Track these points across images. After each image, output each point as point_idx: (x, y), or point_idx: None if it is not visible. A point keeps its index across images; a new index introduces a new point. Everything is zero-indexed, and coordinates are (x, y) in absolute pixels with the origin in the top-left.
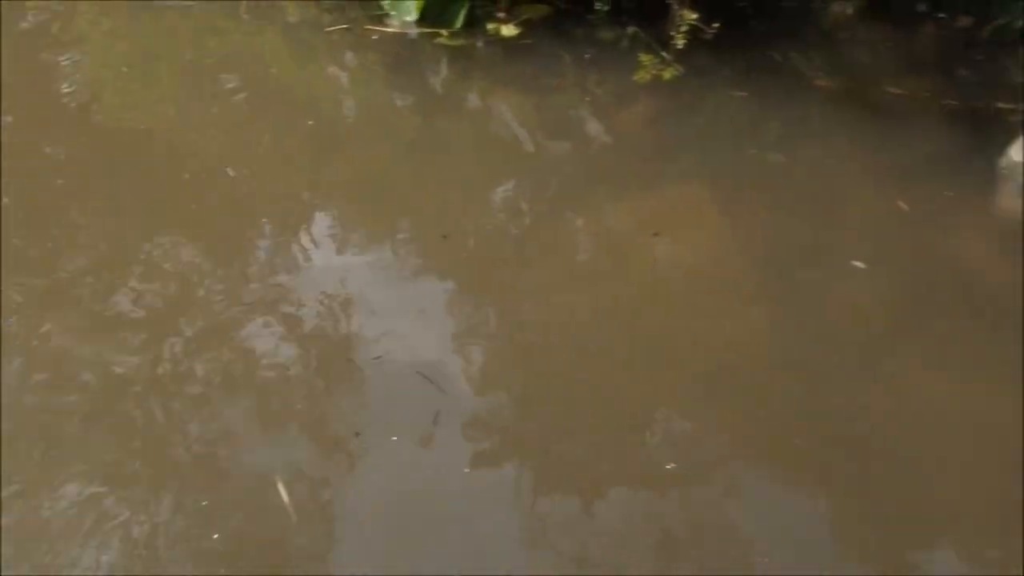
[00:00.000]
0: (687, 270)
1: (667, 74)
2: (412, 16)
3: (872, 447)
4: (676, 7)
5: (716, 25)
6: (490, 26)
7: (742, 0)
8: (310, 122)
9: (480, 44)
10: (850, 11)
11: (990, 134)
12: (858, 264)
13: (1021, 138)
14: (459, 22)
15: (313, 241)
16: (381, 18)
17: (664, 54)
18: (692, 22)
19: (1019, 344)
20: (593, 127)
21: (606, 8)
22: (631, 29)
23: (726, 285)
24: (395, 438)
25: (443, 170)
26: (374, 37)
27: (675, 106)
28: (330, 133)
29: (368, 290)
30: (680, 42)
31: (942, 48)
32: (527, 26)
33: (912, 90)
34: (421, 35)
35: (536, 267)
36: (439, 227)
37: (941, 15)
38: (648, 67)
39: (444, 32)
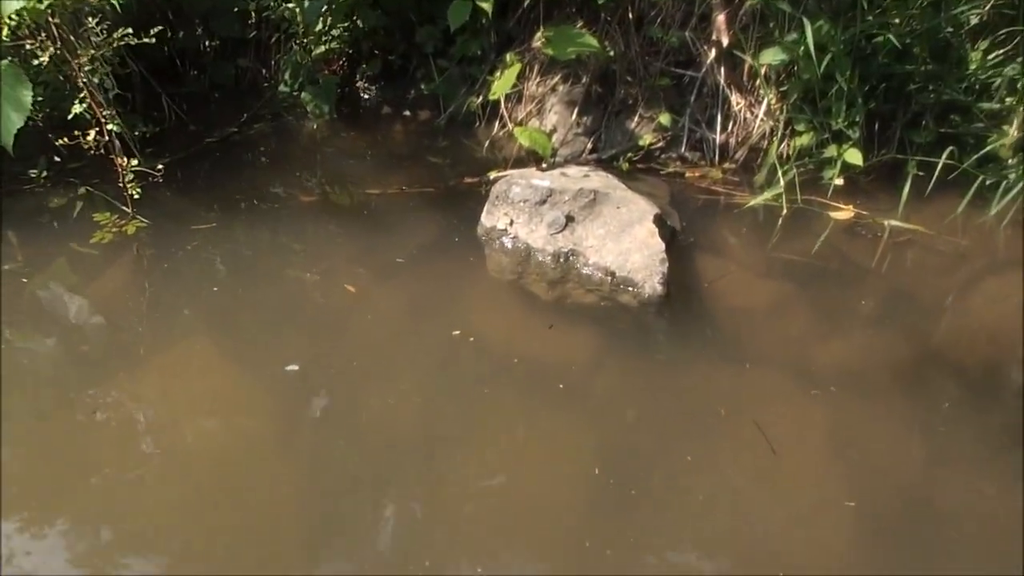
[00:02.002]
0: (204, 427)
1: (130, 228)
2: None
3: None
4: (116, 157)
5: (161, 168)
6: None
7: (210, 136)
8: None
9: None
10: (317, 125)
11: (468, 208)
12: (292, 367)
13: (486, 204)
14: None
15: None
16: None
17: (125, 208)
18: (135, 169)
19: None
20: (71, 309)
21: (44, 174)
22: (83, 189)
23: (238, 421)
24: None
25: None
26: None
27: (150, 259)
28: None
29: None
30: (135, 192)
31: (412, 142)
32: None
33: (395, 185)
34: None
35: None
36: None
37: (406, 113)
38: (107, 226)
39: None
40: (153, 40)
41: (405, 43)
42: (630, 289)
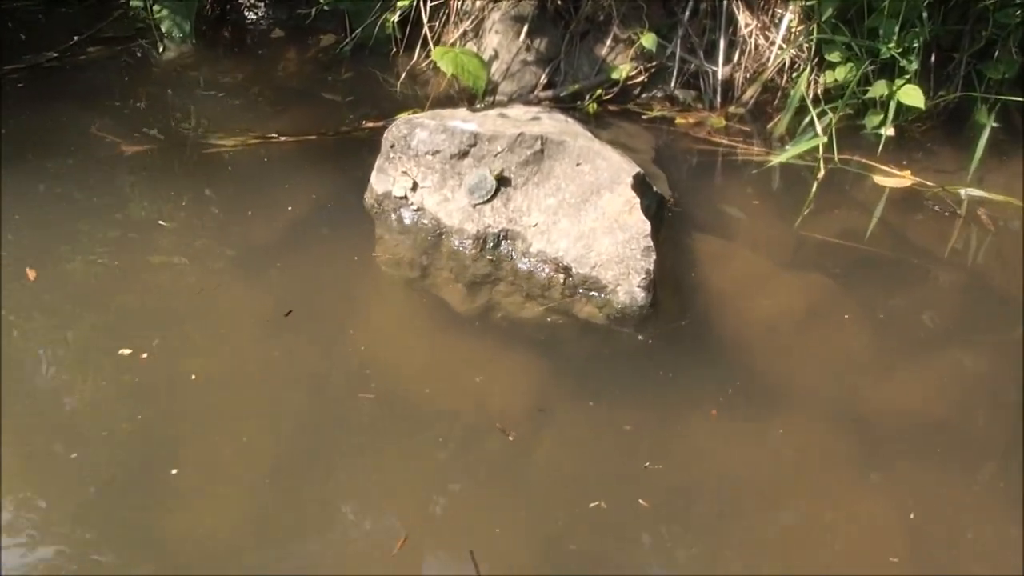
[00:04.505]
0: None
1: None
2: None
3: None
4: None
5: None
6: None
7: (17, 62)
8: None
9: None
10: (177, 53)
11: (364, 163)
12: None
13: (378, 159)
14: None
15: None
16: None
17: None
18: None
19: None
20: None
21: None
22: None
23: None
24: None
25: None
26: None
27: None
28: None
29: None
30: None
31: (306, 74)
32: None
33: (266, 131)
34: None
35: None
36: None
37: (307, 39)
38: None
39: None
40: None
41: None
42: (595, 295)
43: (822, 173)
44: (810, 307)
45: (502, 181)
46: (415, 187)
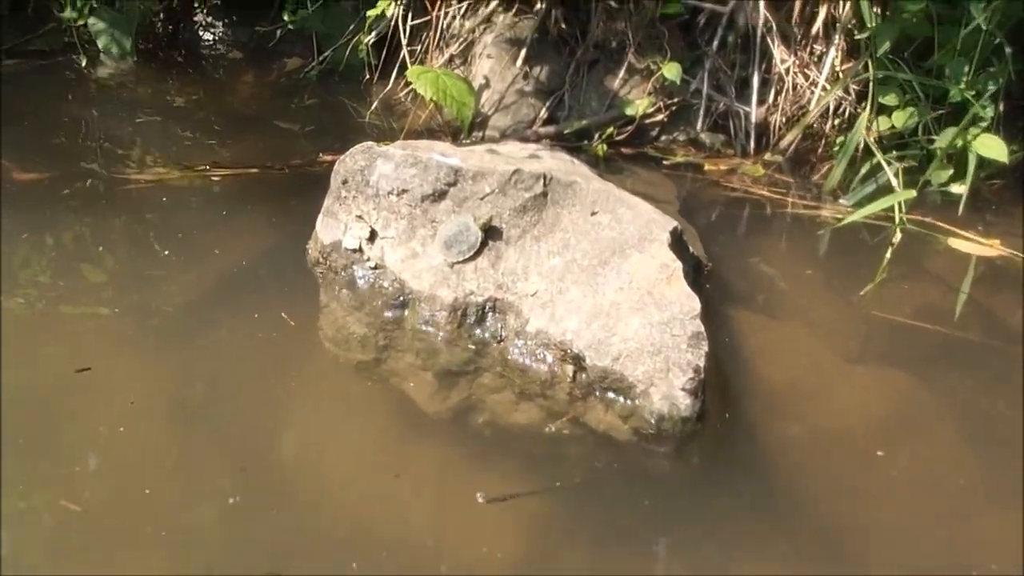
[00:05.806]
0: None
1: None
2: None
3: None
4: None
5: None
6: None
7: None
8: None
9: None
10: (115, 70)
11: (315, 204)
12: None
13: (326, 200)
14: None
15: None
16: None
17: None
18: None
19: None
20: None
21: None
22: None
23: None
24: None
25: None
26: None
27: None
28: None
29: None
30: None
31: (262, 99)
32: None
33: (198, 163)
34: None
35: None
36: None
37: (268, 60)
38: None
39: None
40: None
41: None
42: (617, 399)
43: (898, 237)
44: (889, 414)
45: (490, 233)
46: (373, 237)
